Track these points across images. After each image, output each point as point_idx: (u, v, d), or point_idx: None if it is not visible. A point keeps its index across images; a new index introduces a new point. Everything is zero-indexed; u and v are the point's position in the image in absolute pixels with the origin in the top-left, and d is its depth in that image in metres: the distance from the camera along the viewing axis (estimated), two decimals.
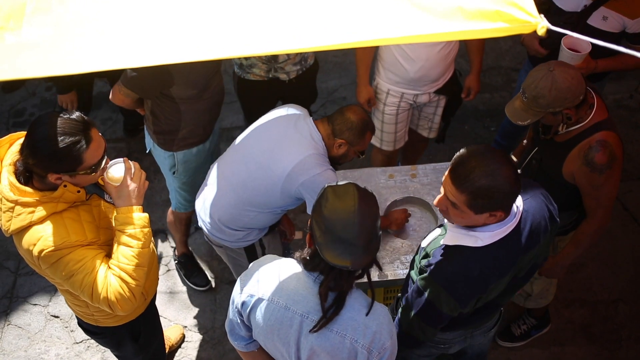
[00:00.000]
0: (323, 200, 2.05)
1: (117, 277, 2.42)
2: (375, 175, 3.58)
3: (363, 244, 2.01)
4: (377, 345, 2.15)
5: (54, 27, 1.72)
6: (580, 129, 2.78)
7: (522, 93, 2.73)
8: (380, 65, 3.79)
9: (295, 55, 3.70)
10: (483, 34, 1.57)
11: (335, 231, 2.00)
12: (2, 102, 5.39)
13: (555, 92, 2.61)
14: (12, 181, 2.36)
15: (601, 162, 2.73)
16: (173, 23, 1.70)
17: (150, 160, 4.82)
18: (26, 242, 2.36)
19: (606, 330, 3.96)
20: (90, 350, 3.94)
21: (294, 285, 2.21)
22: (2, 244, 4.41)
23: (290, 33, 1.63)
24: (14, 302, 4.18)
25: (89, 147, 2.31)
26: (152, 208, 4.59)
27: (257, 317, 2.27)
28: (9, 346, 3.99)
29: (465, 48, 3.89)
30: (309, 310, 2.17)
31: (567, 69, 2.65)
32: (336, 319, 2.14)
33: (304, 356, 2.23)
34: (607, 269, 4.22)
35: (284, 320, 2.21)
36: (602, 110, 2.80)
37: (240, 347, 2.52)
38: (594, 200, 2.88)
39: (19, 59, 1.69)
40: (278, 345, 2.29)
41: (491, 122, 5.10)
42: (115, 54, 1.66)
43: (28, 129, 2.33)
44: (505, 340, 3.86)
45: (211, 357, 3.92)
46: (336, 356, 2.17)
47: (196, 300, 4.17)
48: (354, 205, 2.01)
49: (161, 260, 4.36)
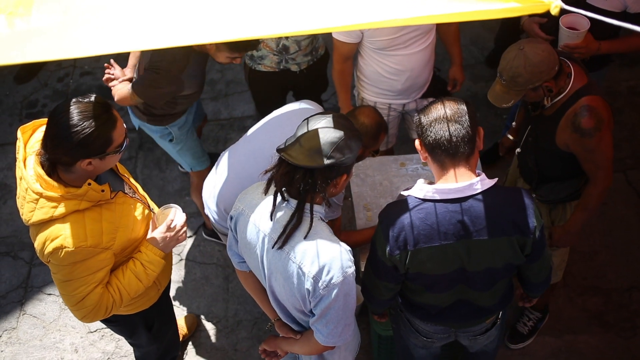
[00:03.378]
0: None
1: (110, 296, 2.52)
2: (387, 163, 3.57)
3: (310, 146, 2.11)
4: (325, 277, 2.15)
5: (62, 13, 1.73)
6: (563, 99, 2.85)
7: (499, 76, 2.81)
8: (363, 83, 3.69)
9: (306, 46, 3.69)
10: (495, 14, 1.55)
11: (297, 134, 2.18)
12: (15, 94, 5.41)
13: (530, 67, 2.68)
14: (39, 172, 2.35)
15: (588, 126, 2.78)
16: (179, 7, 1.70)
17: (162, 150, 4.84)
18: (43, 236, 2.37)
19: (620, 318, 3.94)
20: (104, 339, 3.97)
21: (263, 202, 2.31)
22: (17, 234, 4.45)
23: (301, 14, 1.63)
24: (29, 291, 4.22)
25: (116, 126, 2.34)
26: (165, 197, 4.61)
27: (239, 231, 2.40)
28: (24, 335, 4.03)
29: (442, 42, 3.79)
30: (270, 228, 2.25)
31: (536, 44, 2.72)
32: (292, 244, 2.19)
33: (267, 275, 2.32)
34: (621, 256, 4.19)
35: (252, 236, 2.32)
36: (581, 76, 2.86)
37: (235, 264, 2.62)
38: (591, 164, 2.93)
39: (29, 44, 1.69)
40: (252, 261, 2.40)
41: (503, 109, 5.05)
42: (124, 37, 1.67)
43: (48, 121, 2.32)
44: (517, 342, 3.84)
45: (224, 345, 3.94)
46: (288, 279, 2.23)
47: (209, 289, 4.19)
48: (326, 117, 2.19)
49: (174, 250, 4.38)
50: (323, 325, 2.25)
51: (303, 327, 2.47)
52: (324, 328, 2.26)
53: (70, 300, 2.47)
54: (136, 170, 4.81)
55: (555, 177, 3.15)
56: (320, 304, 2.19)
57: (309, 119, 2.21)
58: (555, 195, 3.18)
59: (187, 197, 4.62)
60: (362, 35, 3.37)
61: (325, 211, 2.28)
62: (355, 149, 2.20)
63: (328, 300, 2.17)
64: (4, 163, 4.90)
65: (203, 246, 4.40)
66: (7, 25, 1.72)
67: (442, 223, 2.24)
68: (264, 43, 3.64)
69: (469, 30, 5.49)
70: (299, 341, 2.48)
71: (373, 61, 3.49)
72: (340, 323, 2.24)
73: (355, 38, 3.39)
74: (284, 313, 2.45)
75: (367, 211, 3.37)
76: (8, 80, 5.49)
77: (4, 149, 5.00)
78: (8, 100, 5.36)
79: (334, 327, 2.24)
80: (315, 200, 2.21)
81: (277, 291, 2.34)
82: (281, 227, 2.21)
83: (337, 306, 2.19)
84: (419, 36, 3.35)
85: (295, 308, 2.34)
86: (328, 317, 2.22)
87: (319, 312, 2.21)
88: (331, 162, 2.12)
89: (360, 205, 3.40)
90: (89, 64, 5.56)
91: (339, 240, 2.23)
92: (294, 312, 2.39)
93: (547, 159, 3.09)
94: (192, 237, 4.44)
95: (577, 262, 4.13)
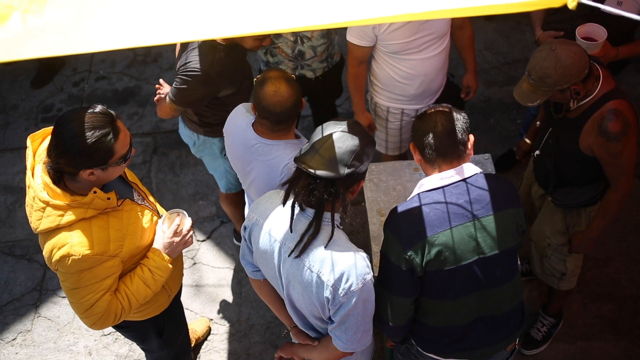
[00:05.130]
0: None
1: (119, 303, 2.53)
2: (401, 168, 3.57)
3: (330, 156, 2.12)
4: (344, 285, 2.15)
5: (75, 8, 1.74)
6: (590, 102, 2.82)
7: (527, 75, 2.77)
8: (376, 87, 3.69)
9: (322, 52, 3.70)
10: (512, 8, 1.53)
11: (313, 141, 2.19)
12: (31, 98, 5.47)
13: (560, 69, 2.65)
14: (46, 181, 2.37)
15: (616, 130, 2.75)
16: (192, 1, 1.70)
17: (177, 154, 4.87)
18: (51, 244, 2.39)
19: (635, 325, 3.91)
20: (118, 342, 3.99)
21: (277, 211, 2.31)
22: (32, 237, 4.48)
23: (313, 8, 1.63)
24: (43, 294, 4.25)
25: (118, 138, 2.34)
26: (178, 202, 4.63)
27: (254, 241, 2.40)
28: (39, 338, 4.06)
29: (456, 49, 3.80)
30: (287, 238, 2.25)
31: (568, 46, 2.68)
32: (310, 253, 2.19)
33: (285, 283, 2.31)
34: (635, 263, 4.16)
35: (267, 245, 2.31)
36: (609, 80, 2.83)
37: (249, 273, 2.62)
38: (615, 169, 2.90)
39: (40, 39, 1.71)
40: (268, 270, 2.39)
41: (517, 114, 5.04)
42: (136, 32, 1.67)
43: (53, 129, 2.34)
44: (531, 348, 3.82)
45: (237, 349, 3.95)
46: (307, 288, 2.22)
47: (222, 294, 4.20)
48: (340, 124, 2.20)
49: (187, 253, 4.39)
50: (342, 332, 2.25)
51: (320, 333, 2.47)
52: (343, 334, 2.26)
53: (79, 308, 2.49)
54: (150, 174, 4.84)
55: (573, 182, 3.12)
56: (339, 311, 2.19)
57: (323, 126, 2.22)
58: (572, 200, 3.16)
59: (200, 201, 4.65)
60: (376, 39, 3.37)
61: (342, 217, 2.28)
62: (371, 154, 2.22)
63: (348, 307, 2.17)
64: (20, 167, 4.94)
65: (216, 250, 4.41)
66: (21, 22, 1.74)
67: (450, 206, 2.32)
68: (280, 49, 3.65)
69: (483, 35, 5.49)
70: (317, 348, 2.48)
71: (387, 65, 3.49)
72: (359, 329, 2.25)
73: (369, 41, 3.39)
74: (302, 320, 2.45)
75: (381, 216, 3.37)
76: (24, 85, 5.55)
77: (19, 153, 5.05)
78: (24, 105, 5.42)
79: (353, 333, 2.24)
80: (336, 209, 2.21)
81: (296, 299, 2.34)
82: (298, 236, 2.21)
83: (356, 313, 2.19)
84: (432, 40, 3.34)
85: (314, 315, 2.34)
86: (347, 323, 2.22)
87: (339, 319, 2.21)
88: (352, 170, 2.13)
89: (373, 210, 3.40)
90: (104, 68, 5.61)
91: (355, 246, 2.23)
92: (312, 319, 2.38)
93: (567, 162, 3.07)
94: (205, 241, 4.46)
95: (592, 269, 4.10)
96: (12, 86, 5.58)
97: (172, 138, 5.03)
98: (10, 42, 1.72)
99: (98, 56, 5.69)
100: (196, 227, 4.48)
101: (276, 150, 2.71)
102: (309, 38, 3.59)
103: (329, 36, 3.68)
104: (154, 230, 2.66)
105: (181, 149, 4.93)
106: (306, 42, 3.60)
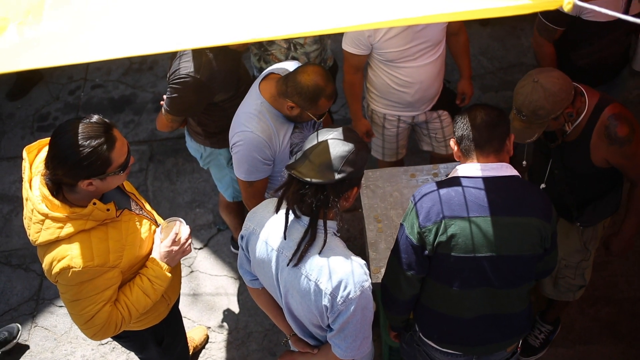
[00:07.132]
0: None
1: (119, 313, 2.52)
2: (398, 175, 3.57)
3: (320, 162, 2.11)
4: (342, 293, 2.14)
5: (72, 18, 1.75)
6: (585, 118, 2.81)
7: (517, 113, 2.76)
8: (372, 94, 3.69)
9: (314, 58, 3.70)
10: (506, 12, 1.53)
11: (306, 148, 2.18)
12: (26, 107, 5.46)
13: (551, 98, 2.64)
14: (44, 193, 2.36)
15: (624, 133, 2.75)
16: (188, 10, 1.71)
17: (173, 162, 4.87)
18: (50, 257, 2.38)
19: (633, 327, 3.91)
20: (115, 351, 3.98)
21: (273, 220, 2.31)
22: (29, 247, 4.47)
23: (311, 14, 1.63)
24: (40, 304, 4.23)
25: (115, 147, 2.33)
26: (175, 210, 4.63)
27: (251, 250, 2.39)
28: (36, 347, 4.04)
29: (451, 55, 3.80)
30: (284, 246, 2.25)
31: (548, 72, 2.69)
32: (307, 261, 2.19)
33: (283, 292, 2.31)
34: (633, 266, 4.16)
35: (264, 254, 2.31)
36: (592, 91, 2.83)
37: (247, 282, 2.62)
38: (635, 169, 2.89)
39: (36, 49, 1.72)
40: (266, 279, 2.39)
41: None
42: (134, 41, 1.68)
43: (50, 141, 2.33)
44: (530, 355, 3.82)
45: (235, 357, 3.94)
46: (305, 296, 2.22)
47: (220, 301, 4.19)
48: (334, 130, 2.19)
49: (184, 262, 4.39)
50: (341, 340, 2.25)
51: (319, 341, 2.47)
52: (343, 342, 2.25)
53: (79, 320, 2.48)
54: (147, 182, 4.84)
55: (594, 197, 3.10)
56: (338, 319, 2.19)
57: (317, 133, 2.22)
58: (600, 214, 3.15)
59: (197, 209, 4.64)
60: (371, 47, 3.37)
61: (338, 225, 2.28)
62: (365, 161, 2.21)
63: (346, 315, 2.17)
64: (16, 176, 4.93)
65: (214, 258, 4.41)
66: (17, 34, 1.75)
67: (476, 197, 2.35)
68: (273, 56, 3.65)
69: (478, 41, 5.50)
70: (316, 356, 2.47)
71: (383, 73, 3.49)
72: (358, 336, 2.24)
73: (365, 50, 3.40)
74: (300, 328, 2.44)
75: (378, 222, 3.37)
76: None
77: (15, 162, 5.04)
78: (20, 114, 5.41)
79: (352, 340, 2.24)
80: (329, 216, 2.21)
81: (294, 307, 2.33)
82: (295, 245, 2.20)
83: (355, 320, 2.19)
84: (428, 48, 3.35)
85: (313, 323, 2.33)
86: (346, 331, 2.21)
87: (337, 326, 2.21)
88: (342, 176, 2.12)
89: (370, 217, 3.40)
90: (99, 76, 5.61)
91: (353, 254, 2.23)
92: (310, 327, 2.38)
93: (584, 183, 3.04)
94: (202, 249, 4.46)
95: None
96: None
97: (169, 146, 5.03)
98: (6, 53, 1.73)
99: (94, 64, 5.69)
100: (193, 235, 4.47)
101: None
102: (302, 45, 3.60)
103: (321, 42, 3.69)
104: (153, 239, 2.65)
105: (177, 157, 4.93)
106: (299, 48, 3.61)
